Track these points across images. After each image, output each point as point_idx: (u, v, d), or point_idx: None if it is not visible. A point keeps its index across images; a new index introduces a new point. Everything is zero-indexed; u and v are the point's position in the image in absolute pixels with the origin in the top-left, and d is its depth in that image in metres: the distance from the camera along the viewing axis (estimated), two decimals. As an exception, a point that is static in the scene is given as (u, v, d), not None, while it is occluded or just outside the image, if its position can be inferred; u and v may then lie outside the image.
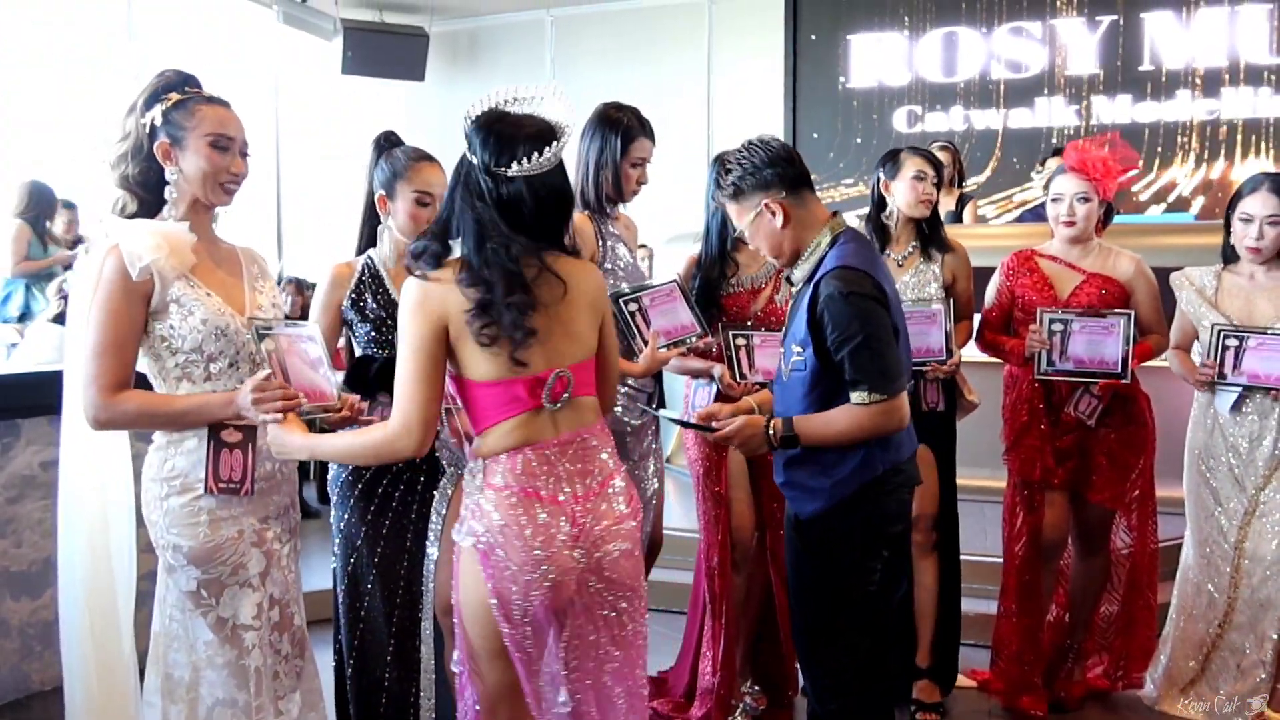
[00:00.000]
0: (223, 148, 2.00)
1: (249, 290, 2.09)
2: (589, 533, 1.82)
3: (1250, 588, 2.98)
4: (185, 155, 1.99)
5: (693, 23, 8.21)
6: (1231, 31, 7.12)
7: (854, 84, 7.99)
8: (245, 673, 2.00)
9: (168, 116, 1.99)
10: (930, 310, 3.02)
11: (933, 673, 3.15)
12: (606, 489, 1.86)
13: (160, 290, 1.94)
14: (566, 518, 1.80)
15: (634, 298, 2.70)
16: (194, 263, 1.98)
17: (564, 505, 1.81)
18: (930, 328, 3.02)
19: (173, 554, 1.99)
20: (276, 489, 2.10)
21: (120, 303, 1.91)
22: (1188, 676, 3.13)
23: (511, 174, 1.77)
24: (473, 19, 8.76)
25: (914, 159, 3.10)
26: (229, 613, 2.00)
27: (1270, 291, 2.96)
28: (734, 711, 3.04)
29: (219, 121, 2.01)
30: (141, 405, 1.94)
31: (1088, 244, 3.08)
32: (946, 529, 3.16)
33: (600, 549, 1.82)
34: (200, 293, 1.98)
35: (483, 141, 1.79)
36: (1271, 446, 2.93)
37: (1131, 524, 3.15)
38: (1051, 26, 7.51)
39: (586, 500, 1.83)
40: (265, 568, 2.04)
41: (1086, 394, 3.01)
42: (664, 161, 2.91)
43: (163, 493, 1.99)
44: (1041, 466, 3.06)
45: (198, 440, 1.98)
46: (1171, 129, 7.28)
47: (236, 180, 2.04)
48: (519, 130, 1.79)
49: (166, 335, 1.96)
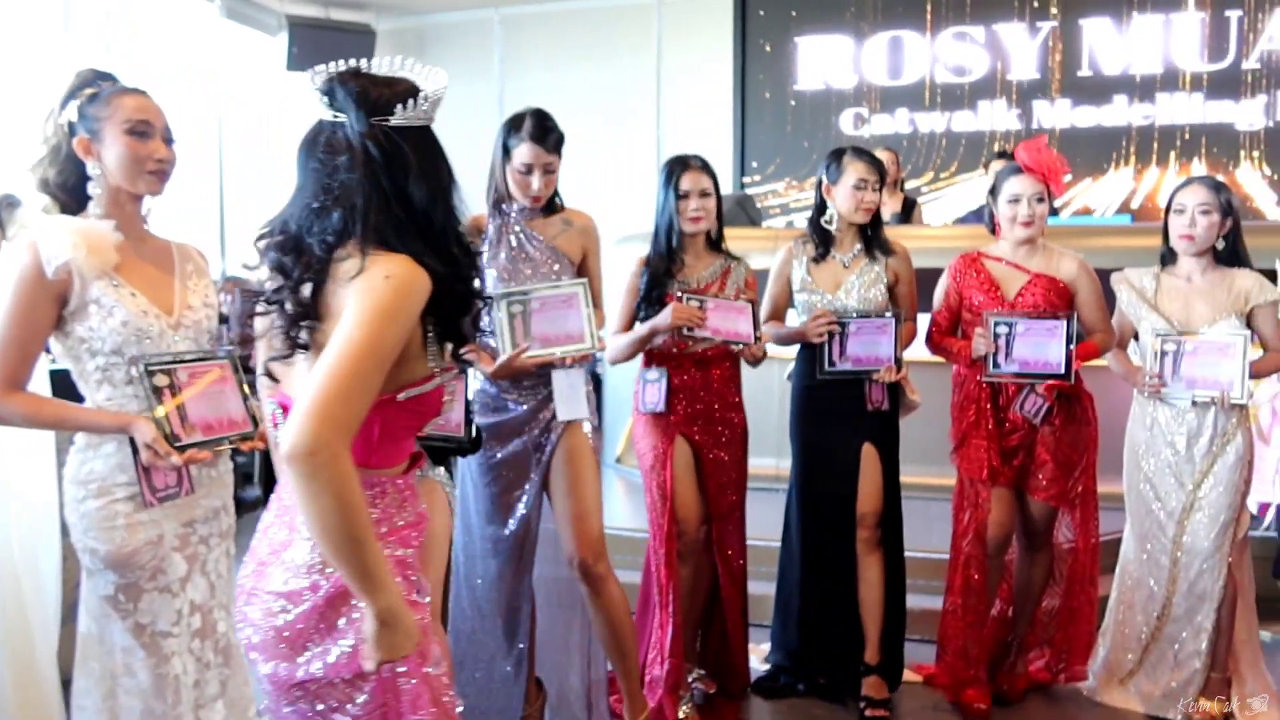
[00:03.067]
0: (141, 133, 1.96)
1: (180, 288, 2.04)
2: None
3: (1187, 581, 3.06)
4: (104, 147, 1.95)
5: (642, 24, 8.22)
6: (1166, 39, 7.31)
7: (801, 86, 8.06)
8: (164, 681, 1.96)
9: (83, 111, 1.96)
10: (881, 321, 3.08)
11: (881, 669, 3.19)
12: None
13: (79, 290, 1.89)
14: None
15: (521, 299, 2.63)
16: (117, 261, 1.93)
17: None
18: (881, 337, 3.07)
19: (90, 558, 1.95)
20: (206, 493, 2.06)
21: (29, 300, 1.87)
22: (1127, 668, 3.21)
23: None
24: (420, 16, 8.68)
25: (855, 165, 3.11)
26: (147, 619, 1.96)
27: (1207, 293, 3.04)
28: (682, 704, 3.06)
29: (136, 108, 1.97)
30: (30, 411, 1.91)
31: (1034, 245, 3.15)
32: (891, 526, 3.20)
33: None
34: (124, 293, 1.93)
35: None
36: (1208, 443, 3.02)
37: (1075, 520, 3.22)
38: (994, 31, 7.65)
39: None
40: (188, 573, 2.00)
41: (1032, 394, 3.07)
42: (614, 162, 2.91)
43: (79, 495, 1.95)
44: (988, 465, 3.12)
45: (116, 444, 1.94)
46: (1109, 134, 7.46)
47: (163, 166, 1.99)
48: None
49: (86, 337, 1.91)
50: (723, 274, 3.07)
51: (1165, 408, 3.05)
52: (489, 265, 2.74)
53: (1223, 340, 2.94)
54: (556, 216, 2.79)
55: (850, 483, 3.15)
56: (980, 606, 3.19)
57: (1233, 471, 2.99)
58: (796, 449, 3.29)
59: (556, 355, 2.66)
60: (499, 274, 2.72)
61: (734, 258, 3.11)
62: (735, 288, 3.07)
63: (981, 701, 3.15)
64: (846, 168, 3.11)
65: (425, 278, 1.39)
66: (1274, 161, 7.17)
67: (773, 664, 3.41)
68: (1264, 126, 7.15)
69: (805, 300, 3.19)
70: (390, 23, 8.63)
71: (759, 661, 3.44)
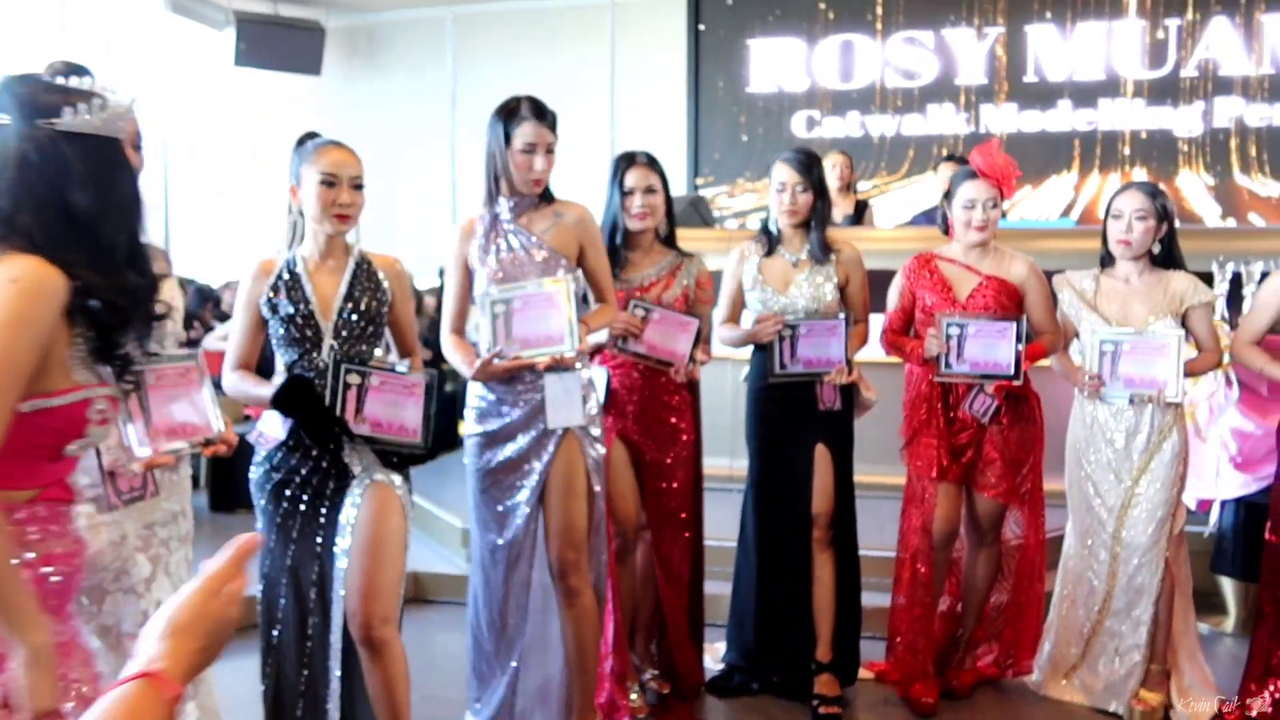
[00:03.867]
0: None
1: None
2: None
3: (1127, 575, 3.14)
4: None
5: (595, 24, 8.22)
6: (1108, 46, 7.47)
7: (754, 88, 8.11)
8: None
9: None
10: (831, 323, 3.10)
11: (834, 667, 3.22)
12: None
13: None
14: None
15: (504, 299, 2.61)
16: None
17: None
18: (831, 339, 3.10)
19: None
20: (167, 495, 2.06)
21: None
22: (1070, 662, 3.28)
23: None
24: (371, 14, 8.59)
25: (777, 168, 3.14)
26: (112, 620, 1.94)
27: (1144, 295, 3.12)
28: (631, 691, 3.11)
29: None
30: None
31: (986, 247, 3.21)
32: (845, 526, 3.24)
33: None
34: None
35: None
36: (1145, 440, 3.10)
37: (1023, 516, 3.29)
38: (943, 37, 7.77)
39: None
40: (152, 573, 1.98)
41: (981, 393, 3.14)
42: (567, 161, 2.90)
43: None
44: (937, 463, 3.18)
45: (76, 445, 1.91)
46: (1054, 139, 7.61)
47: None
48: None
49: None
50: (670, 271, 3.07)
51: (1104, 406, 3.13)
52: (478, 267, 2.71)
53: (1158, 340, 3.02)
54: (549, 208, 2.74)
55: (803, 483, 3.17)
56: (927, 600, 3.24)
57: (1169, 468, 3.08)
58: (751, 450, 3.31)
59: (525, 358, 2.60)
60: (489, 277, 2.68)
61: (686, 255, 3.12)
62: (684, 285, 3.07)
63: (929, 696, 3.20)
64: (772, 172, 3.15)
65: (58, 280, 1.33)
66: (1212, 168, 7.37)
67: (727, 663, 3.43)
68: (1201, 133, 7.34)
69: (756, 298, 3.22)
70: (341, 20, 8.54)
71: (713, 661, 3.46)
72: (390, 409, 2.39)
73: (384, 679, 2.38)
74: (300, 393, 2.31)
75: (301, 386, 2.32)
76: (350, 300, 2.42)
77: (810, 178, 3.12)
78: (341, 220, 2.40)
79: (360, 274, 2.45)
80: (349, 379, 2.35)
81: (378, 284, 2.47)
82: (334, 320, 2.41)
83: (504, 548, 2.73)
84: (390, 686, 2.39)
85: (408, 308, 2.58)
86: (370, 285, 2.46)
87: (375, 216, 3.17)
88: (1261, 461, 3.52)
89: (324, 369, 2.38)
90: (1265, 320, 3.06)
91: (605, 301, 2.81)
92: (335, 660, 2.42)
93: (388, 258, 2.54)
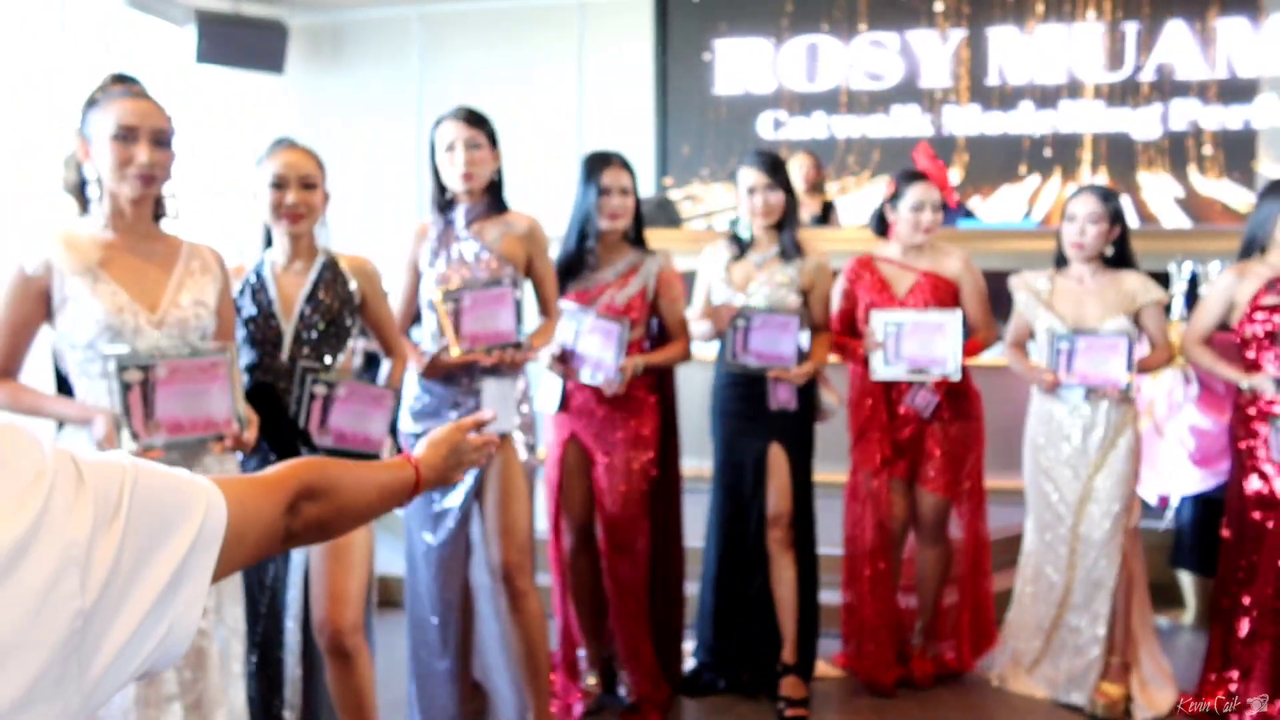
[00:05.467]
0: (123, 138, 1.98)
1: (173, 286, 2.06)
2: None
3: (1085, 569, 3.19)
4: (95, 151, 2.01)
5: (562, 24, 8.20)
6: (1069, 48, 7.58)
7: (720, 90, 8.14)
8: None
9: (84, 116, 2.03)
10: (783, 318, 3.11)
11: (799, 668, 3.22)
12: None
13: (59, 286, 1.98)
14: None
15: (455, 295, 2.63)
16: (100, 258, 1.99)
17: None
18: (783, 335, 3.11)
19: None
20: None
21: (13, 295, 1.99)
22: (1032, 656, 3.32)
23: None
24: (335, 12, 8.51)
25: (743, 173, 3.16)
26: None
27: (1097, 295, 3.18)
28: (582, 676, 3.21)
29: (122, 113, 2.00)
30: (9, 399, 2.00)
31: (922, 245, 3.27)
32: (804, 526, 3.25)
33: None
34: (103, 289, 1.98)
35: None
36: (1101, 436, 3.15)
37: (961, 513, 3.35)
38: (907, 39, 7.83)
39: None
40: None
41: (923, 389, 3.19)
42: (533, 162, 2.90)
43: None
44: (881, 458, 3.24)
45: (87, 437, 1.98)
46: (1017, 141, 7.70)
47: (147, 170, 1.99)
48: None
49: (66, 331, 1.99)
50: (627, 271, 3.06)
51: (1061, 403, 3.18)
52: (426, 270, 2.73)
53: (1111, 338, 3.08)
54: (501, 218, 2.76)
55: (758, 480, 3.19)
56: (884, 595, 3.30)
57: (1124, 463, 3.13)
58: (714, 446, 3.34)
59: (475, 353, 2.62)
60: (437, 280, 2.70)
61: (650, 253, 3.12)
62: (643, 284, 3.07)
63: (887, 677, 3.29)
64: (739, 177, 3.17)
65: None
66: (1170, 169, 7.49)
67: (697, 661, 3.44)
68: (1159, 136, 7.46)
69: (719, 294, 3.25)
70: (304, 18, 8.45)
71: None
72: (356, 420, 2.37)
73: (351, 686, 2.36)
74: (262, 400, 2.28)
75: (262, 393, 2.30)
76: (311, 301, 2.40)
77: (778, 178, 3.15)
78: (292, 221, 2.37)
79: (325, 275, 2.43)
80: (315, 389, 2.32)
81: (344, 285, 2.45)
82: (295, 321, 2.39)
83: (436, 549, 2.73)
84: (358, 694, 2.37)
85: (383, 305, 2.56)
86: (336, 286, 2.44)
87: (340, 215, 3.15)
88: (1218, 458, 3.59)
89: (283, 371, 2.35)
90: (1211, 318, 3.15)
91: (548, 314, 2.84)
92: (295, 661, 2.40)
93: (357, 258, 2.53)
